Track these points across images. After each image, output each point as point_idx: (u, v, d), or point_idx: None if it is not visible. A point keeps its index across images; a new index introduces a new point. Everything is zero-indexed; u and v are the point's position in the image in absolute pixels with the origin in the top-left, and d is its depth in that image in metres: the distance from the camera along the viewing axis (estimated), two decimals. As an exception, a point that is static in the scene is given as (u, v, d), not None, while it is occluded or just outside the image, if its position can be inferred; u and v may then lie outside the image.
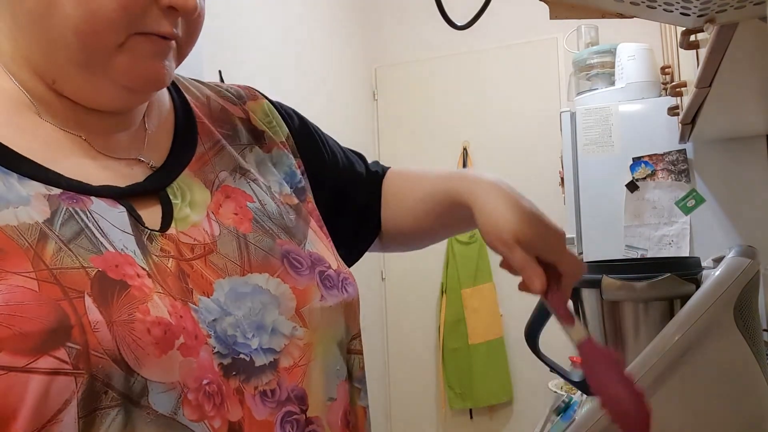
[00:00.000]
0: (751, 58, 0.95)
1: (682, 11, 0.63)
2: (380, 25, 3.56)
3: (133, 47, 0.52)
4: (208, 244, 0.56)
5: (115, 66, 0.52)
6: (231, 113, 0.69)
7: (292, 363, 0.56)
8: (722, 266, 0.76)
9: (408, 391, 3.44)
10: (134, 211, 0.54)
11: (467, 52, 3.33)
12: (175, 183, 0.59)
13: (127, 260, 0.50)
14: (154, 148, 0.60)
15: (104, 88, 0.54)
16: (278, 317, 0.56)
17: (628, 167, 2.07)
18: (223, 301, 0.54)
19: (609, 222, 2.09)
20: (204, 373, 0.50)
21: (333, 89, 3.14)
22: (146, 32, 0.52)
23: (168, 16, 0.52)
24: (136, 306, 0.47)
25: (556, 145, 2.59)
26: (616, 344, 1.02)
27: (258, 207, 0.62)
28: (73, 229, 0.49)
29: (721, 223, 1.98)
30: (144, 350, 0.47)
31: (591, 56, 2.35)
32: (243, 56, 2.41)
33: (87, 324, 0.45)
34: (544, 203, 2.89)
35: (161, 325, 0.48)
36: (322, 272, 0.62)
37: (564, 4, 0.64)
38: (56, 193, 0.50)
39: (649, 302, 0.98)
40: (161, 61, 0.54)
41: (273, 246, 0.60)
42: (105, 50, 0.51)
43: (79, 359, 0.44)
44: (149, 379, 0.47)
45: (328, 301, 0.61)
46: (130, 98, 0.56)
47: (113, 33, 0.50)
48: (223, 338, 0.52)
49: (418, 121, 3.46)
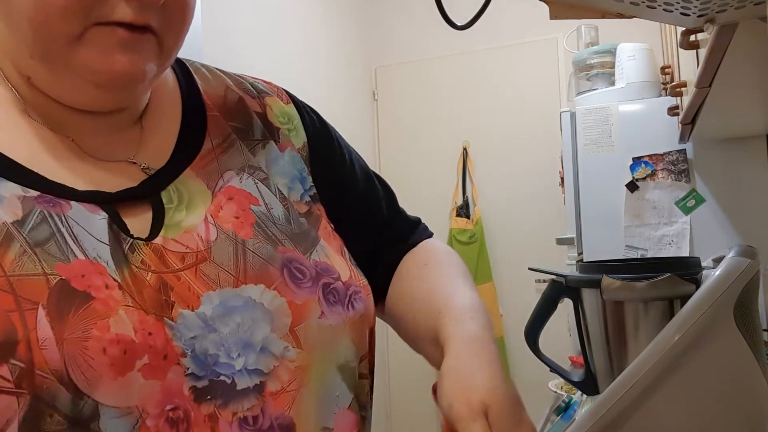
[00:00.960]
0: (751, 58, 0.95)
1: (682, 11, 0.63)
2: (380, 25, 3.56)
3: (93, 39, 0.48)
4: (201, 252, 0.52)
5: (76, 59, 0.48)
6: (248, 106, 0.65)
7: (280, 387, 0.51)
8: (722, 266, 0.76)
9: (408, 391, 3.44)
10: (118, 218, 0.51)
11: (467, 52, 3.33)
12: (173, 185, 0.55)
13: (97, 269, 0.47)
14: (153, 149, 0.57)
15: (71, 84, 0.51)
16: (269, 335, 0.51)
17: (628, 167, 2.07)
18: (209, 315, 0.49)
19: (609, 222, 2.09)
20: (168, 398, 0.46)
21: (333, 89, 3.14)
22: (108, 22, 0.48)
23: (130, 3, 0.48)
24: (95, 322, 0.44)
25: (556, 145, 2.59)
26: (616, 344, 1.02)
27: (263, 210, 0.58)
28: (43, 233, 0.46)
29: (721, 223, 1.98)
30: (96, 371, 0.43)
31: (591, 56, 2.35)
32: (242, 56, 2.41)
33: (34, 340, 0.42)
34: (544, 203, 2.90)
35: (120, 343, 0.44)
36: (327, 285, 0.56)
37: (564, 4, 0.64)
38: (33, 195, 0.48)
39: (649, 302, 0.98)
40: (127, 54, 0.49)
41: (273, 254, 0.55)
42: (61, 41, 0.48)
43: (22, 378, 0.41)
44: (101, 403, 0.43)
45: (329, 318, 0.55)
46: (102, 95, 0.52)
47: (65, 23, 0.47)
48: (202, 358, 0.48)
49: (418, 121, 3.46)
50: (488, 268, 3.23)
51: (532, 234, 3.15)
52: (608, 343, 1.03)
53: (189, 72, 0.64)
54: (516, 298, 3.16)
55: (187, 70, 0.65)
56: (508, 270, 3.21)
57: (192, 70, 0.65)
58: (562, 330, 1.85)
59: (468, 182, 3.34)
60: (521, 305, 0.77)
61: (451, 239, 3.28)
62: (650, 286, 0.96)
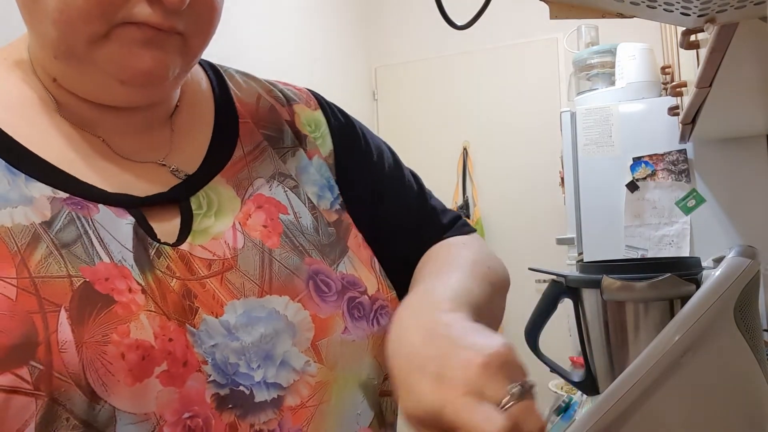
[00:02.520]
0: (751, 58, 0.95)
1: (682, 11, 0.63)
2: (380, 25, 3.56)
3: (119, 36, 0.48)
4: (228, 260, 0.52)
5: (101, 56, 0.49)
6: (279, 114, 0.64)
7: (299, 402, 0.50)
8: (722, 266, 0.76)
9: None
10: (145, 223, 0.51)
11: (467, 52, 3.33)
12: (203, 191, 0.55)
13: (122, 273, 0.47)
14: (184, 152, 0.57)
15: (96, 81, 0.51)
16: (291, 348, 0.51)
17: (628, 167, 2.07)
18: (232, 324, 0.49)
19: (609, 222, 2.09)
20: (188, 405, 0.46)
21: (333, 89, 3.14)
22: (135, 22, 0.48)
23: (153, 5, 0.48)
24: (115, 326, 0.44)
25: (556, 145, 2.59)
26: (616, 344, 1.02)
27: (291, 220, 0.57)
28: (71, 234, 0.47)
29: (721, 223, 1.98)
30: (114, 376, 0.43)
31: (591, 56, 2.35)
32: (243, 56, 2.41)
33: (54, 343, 0.42)
34: (544, 203, 2.89)
35: (140, 349, 0.44)
36: (353, 299, 0.55)
37: (564, 4, 0.64)
38: (62, 197, 0.49)
39: (649, 302, 0.98)
40: (151, 51, 0.49)
41: (300, 265, 0.54)
42: (84, 40, 0.48)
43: (40, 380, 0.41)
44: (118, 408, 0.43)
45: (353, 334, 0.54)
46: (127, 92, 0.52)
47: (88, 23, 0.47)
48: (222, 366, 0.48)
49: (418, 121, 3.46)
50: (488, 268, 3.23)
51: (532, 234, 3.15)
52: (608, 343, 1.03)
53: (223, 78, 0.64)
54: (516, 298, 3.15)
55: (221, 76, 0.65)
56: (508, 270, 3.21)
57: (226, 77, 0.65)
58: (562, 330, 1.85)
59: (468, 182, 3.34)
60: (521, 305, 0.77)
61: (451, 239, 3.28)
62: (650, 287, 0.96)
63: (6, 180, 0.47)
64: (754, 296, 0.78)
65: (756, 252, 0.79)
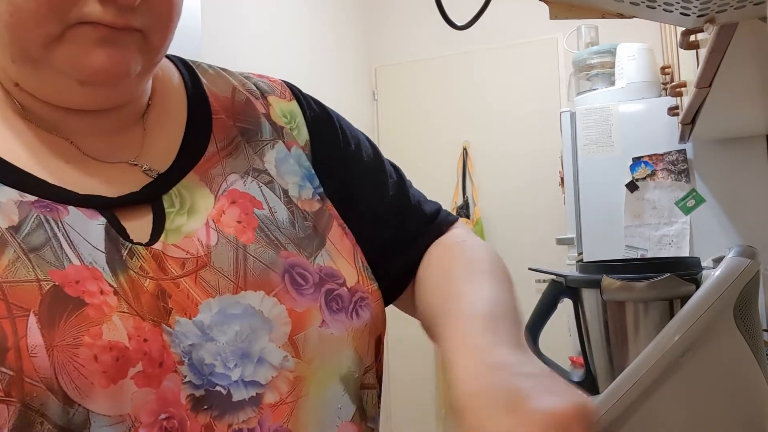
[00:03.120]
0: (751, 58, 0.95)
1: (682, 11, 0.63)
2: (380, 25, 3.56)
3: (73, 36, 0.47)
4: (201, 257, 0.51)
5: (57, 57, 0.48)
6: (254, 106, 0.64)
7: (279, 399, 0.50)
8: (722, 266, 0.76)
9: (408, 391, 3.44)
10: (117, 223, 0.50)
11: (467, 52, 3.33)
12: (175, 189, 0.54)
13: (93, 274, 0.46)
14: (156, 150, 0.56)
15: (55, 84, 0.50)
16: (268, 344, 0.50)
17: (628, 167, 2.07)
18: (207, 324, 0.48)
19: (609, 222, 2.09)
20: (163, 407, 0.45)
21: (333, 89, 3.14)
22: (88, 21, 0.47)
23: (105, 4, 0.47)
24: (87, 328, 0.43)
25: (556, 145, 2.59)
26: (616, 344, 1.02)
27: (266, 214, 0.57)
28: (39, 238, 0.46)
29: (721, 223, 1.98)
30: (87, 379, 0.43)
31: (591, 56, 2.35)
32: (243, 56, 2.41)
33: (24, 348, 0.41)
34: (544, 203, 2.89)
35: (113, 350, 0.44)
36: (330, 291, 0.55)
37: (564, 4, 0.65)
38: (30, 200, 0.48)
39: (649, 302, 0.98)
40: (107, 49, 0.48)
41: (276, 259, 0.54)
42: (38, 43, 0.47)
43: (11, 386, 0.41)
44: (92, 411, 0.43)
45: (331, 327, 0.53)
46: (88, 93, 0.51)
47: (40, 25, 0.46)
48: (198, 367, 0.47)
49: (418, 121, 3.46)
50: (488, 268, 3.23)
51: (532, 234, 3.15)
52: (608, 344, 1.03)
53: (195, 73, 0.64)
54: (516, 298, 3.16)
55: (194, 71, 0.64)
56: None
57: (199, 72, 0.64)
58: (562, 330, 1.85)
59: (468, 182, 3.34)
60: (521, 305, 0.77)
61: (451, 239, 3.29)
62: (650, 287, 0.96)
63: None
64: (754, 296, 0.79)
65: (756, 252, 0.79)
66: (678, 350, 0.73)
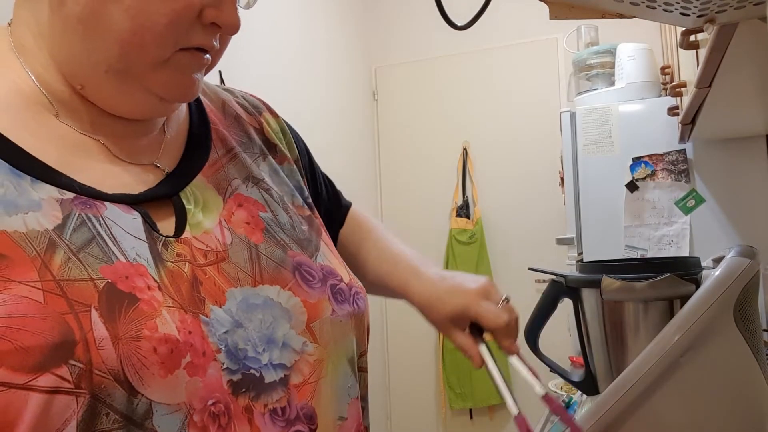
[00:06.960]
0: (751, 58, 0.95)
1: (682, 11, 0.63)
2: (380, 25, 3.56)
3: (178, 61, 0.52)
4: (220, 252, 0.55)
5: (155, 78, 0.52)
6: (245, 121, 0.68)
7: (302, 380, 0.55)
8: (722, 266, 0.76)
9: (408, 391, 3.44)
10: (149, 218, 0.52)
11: (467, 52, 3.33)
12: (189, 188, 0.57)
13: (138, 271, 0.48)
14: (169, 153, 0.59)
15: (136, 97, 0.53)
16: (289, 331, 0.55)
17: (628, 167, 2.07)
18: (234, 311, 0.52)
19: (609, 222, 2.09)
20: (210, 393, 0.48)
21: (333, 89, 3.14)
22: (189, 47, 0.52)
23: (209, 31, 0.52)
24: (144, 322, 0.46)
25: (556, 145, 2.59)
26: (616, 344, 1.02)
27: (270, 217, 0.61)
28: (84, 236, 0.47)
29: (721, 223, 1.98)
30: (149, 370, 0.45)
31: (591, 56, 2.35)
32: (243, 57, 2.41)
33: (92, 340, 0.43)
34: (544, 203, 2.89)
35: (168, 342, 0.46)
36: (334, 285, 0.61)
37: (564, 4, 0.65)
38: (69, 197, 0.49)
39: (649, 302, 0.98)
40: (198, 75, 0.54)
41: (284, 258, 0.58)
42: (148, 63, 0.50)
43: (81, 378, 0.42)
44: (154, 401, 0.45)
45: (340, 315, 0.59)
46: (161, 108, 0.56)
47: (159, 48, 0.50)
48: (234, 352, 0.51)
49: (418, 121, 3.46)
50: (488, 268, 3.23)
51: (532, 234, 3.15)
52: (608, 343, 1.03)
53: None
54: (516, 298, 3.14)
55: None
56: (508, 270, 3.21)
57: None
58: (562, 330, 1.85)
59: (468, 182, 3.34)
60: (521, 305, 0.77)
61: (451, 239, 3.29)
62: (650, 286, 0.96)
63: (12, 185, 0.47)
64: (754, 296, 0.79)
65: (755, 252, 0.79)
66: (678, 350, 0.73)
